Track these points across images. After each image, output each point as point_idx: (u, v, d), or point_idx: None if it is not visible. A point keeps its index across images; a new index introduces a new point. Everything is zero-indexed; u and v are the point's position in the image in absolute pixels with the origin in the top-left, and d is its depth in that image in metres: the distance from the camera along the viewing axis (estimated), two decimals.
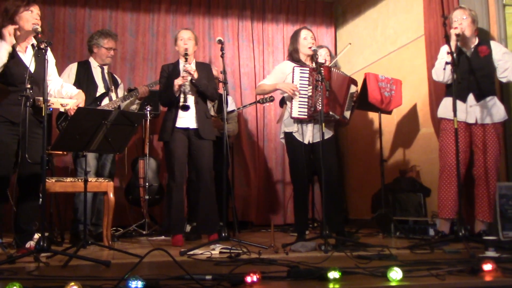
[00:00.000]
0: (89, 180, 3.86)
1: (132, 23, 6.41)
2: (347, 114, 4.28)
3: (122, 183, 5.85)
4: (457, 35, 3.91)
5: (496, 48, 4.07)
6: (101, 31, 4.77)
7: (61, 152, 4.31)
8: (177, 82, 4.11)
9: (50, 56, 3.65)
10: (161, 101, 4.43)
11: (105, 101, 4.52)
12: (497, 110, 4.03)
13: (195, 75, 4.14)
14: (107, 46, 4.65)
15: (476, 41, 4.11)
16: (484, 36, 4.32)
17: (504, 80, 4.07)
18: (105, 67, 4.69)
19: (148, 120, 5.32)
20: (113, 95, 4.59)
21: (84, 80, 4.51)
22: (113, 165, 4.69)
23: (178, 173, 4.17)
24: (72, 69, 4.59)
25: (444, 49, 4.04)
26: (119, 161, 5.73)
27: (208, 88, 4.27)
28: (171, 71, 4.34)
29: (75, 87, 3.77)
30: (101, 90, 4.55)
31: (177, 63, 4.41)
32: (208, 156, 4.26)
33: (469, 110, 3.97)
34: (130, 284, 1.97)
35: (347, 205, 6.64)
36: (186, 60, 4.17)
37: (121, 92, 4.76)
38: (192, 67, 4.19)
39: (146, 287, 1.97)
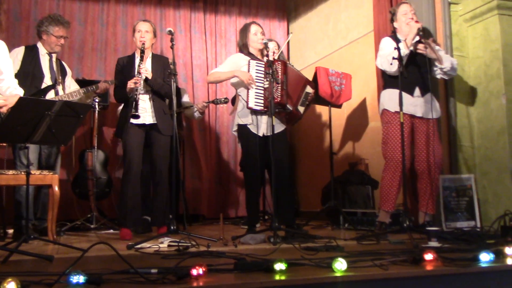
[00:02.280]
0: (33, 173, 3.75)
1: (81, 12, 6.22)
2: (301, 109, 4.31)
3: (69, 176, 5.70)
4: (419, 29, 3.96)
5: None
6: (52, 17, 4.47)
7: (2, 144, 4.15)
8: (130, 85, 4.04)
9: (4, 55, 3.52)
10: (116, 98, 4.38)
11: (51, 94, 4.30)
12: (436, 106, 4.16)
13: (149, 76, 4.08)
14: (57, 34, 4.40)
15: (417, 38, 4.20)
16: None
17: (438, 76, 4.21)
18: (54, 55, 4.46)
19: (97, 112, 5.20)
20: (59, 88, 4.38)
21: (30, 67, 4.27)
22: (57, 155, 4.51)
23: (134, 165, 4.12)
24: (18, 54, 4.31)
25: (387, 41, 4.12)
26: (66, 153, 5.58)
27: (162, 87, 4.22)
28: (125, 65, 4.27)
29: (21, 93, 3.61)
30: (47, 80, 4.34)
31: (133, 56, 4.35)
32: (165, 150, 4.24)
33: (417, 103, 4.06)
34: (71, 279, 1.92)
35: (298, 198, 6.71)
36: (141, 58, 4.10)
37: (69, 81, 4.60)
38: (147, 67, 4.13)
39: (88, 282, 1.93)
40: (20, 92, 3.59)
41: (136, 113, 3.93)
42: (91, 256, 2.77)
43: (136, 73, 4.09)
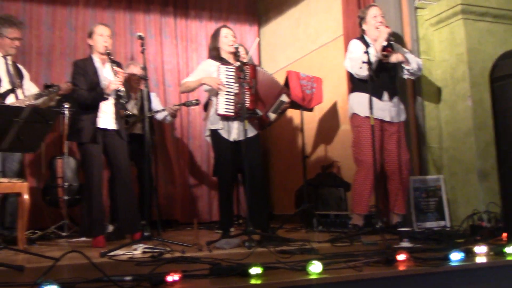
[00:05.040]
0: (0, 181, 3.67)
1: (48, 16, 6.11)
2: (272, 116, 4.31)
3: (39, 183, 5.58)
4: (390, 34, 4.01)
5: (398, 50, 4.26)
6: (5, 19, 4.27)
7: None
8: (116, 85, 3.93)
9: None
10: (86, 102, 4.03)
11: (11, 98, 4.11)
12: (403, 109, 4.26)
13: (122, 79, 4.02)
14: (11, 36, 4.19)
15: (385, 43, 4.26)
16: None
17: (405, 77, 4.32)
18: (9, 58, 4.26)
19: (66, 118, 5.10)
20: (19, 92, 4.19)
21: None
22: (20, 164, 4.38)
23: (97, 172, 4.02)
24: None
25: (356, 44, 4.18)
26: (36, 160, 5.48)
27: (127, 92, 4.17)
28: (87, 69, 4.09)
29: None
30: (5, 84, 4.14)
31: (90, 59, 4.15)
32: (124, 156, 4.15)
33: (385, 108, 4.13)
34: None
35: (272, 201, 6.73)
36: (110, 59, 4.04)
37: (28, 84, 4.41)
38: (121, 71, 4.05)
39: None
40: None
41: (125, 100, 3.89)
42: (63, 265, 2.72)
43: (113, 74, 3.99)
